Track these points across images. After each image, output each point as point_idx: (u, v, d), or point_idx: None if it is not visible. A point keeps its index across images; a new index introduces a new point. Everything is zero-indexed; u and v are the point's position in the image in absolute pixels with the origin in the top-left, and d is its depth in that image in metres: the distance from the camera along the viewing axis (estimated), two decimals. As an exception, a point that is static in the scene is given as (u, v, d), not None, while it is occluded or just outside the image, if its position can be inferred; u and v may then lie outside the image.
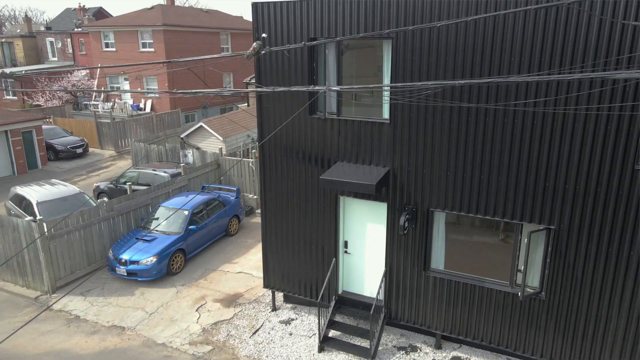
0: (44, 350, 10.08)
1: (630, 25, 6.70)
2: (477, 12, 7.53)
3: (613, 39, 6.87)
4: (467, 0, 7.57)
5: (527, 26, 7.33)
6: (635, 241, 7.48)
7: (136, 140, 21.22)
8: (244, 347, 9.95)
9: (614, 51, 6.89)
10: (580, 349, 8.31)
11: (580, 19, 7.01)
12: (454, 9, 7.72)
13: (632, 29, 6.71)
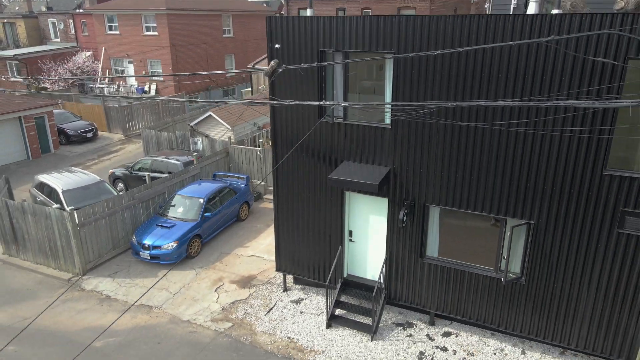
0: (82, 326, 11.42)
1: (593, 60, 7.79)
2: (469, 40, 8.58)
3: (583, 72, 7.96)
4: (461, 28, 8.61)
5: (511, 57, 8.39)
6: (602, 235, 8.72)
7: (146, 127, 22.22)
8: (260, 324, 11.29)
9: (585, 82, 7.99)
10: (554, 326, 9.66)
11: (557, 55, 8.08)
12: (450, 30, 8.77)
13: (594, 62, 7.80)
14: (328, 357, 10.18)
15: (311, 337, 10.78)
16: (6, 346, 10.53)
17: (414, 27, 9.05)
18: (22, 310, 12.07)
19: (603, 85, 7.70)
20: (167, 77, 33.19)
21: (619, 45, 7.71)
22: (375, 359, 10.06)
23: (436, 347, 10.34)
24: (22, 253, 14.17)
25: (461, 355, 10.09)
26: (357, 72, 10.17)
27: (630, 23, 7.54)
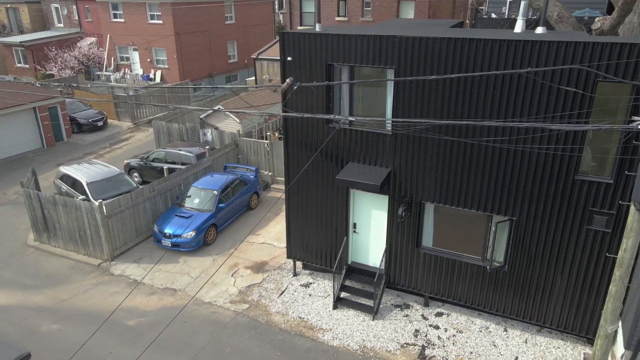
0: (115, 307, 12.89)
1: (565, 90, 9.08)
2: (460, 61, 9.84)
3: (558, 96, 9.26)
4: (454, 49, 9.86)
5: (496, 83, 9.66)
6: (573, 230, 10.15)
7: (157, 119, 23.41)
8: (274, 305, 12.79)
9: (560, 104, 9.30)
10: (532, 307, 11.17)
11: (535, 83, 9.36)
12: (444, 50, 10.02)
13: (566, 92, 9.10)
14: (335, 334, 11.70)
15: (320, 317, 12.29)
16: (51, 325, 12.03)
17: (412, 46, 10.29)
18: (60, 293, 13.53)
19: (573, 112, 9.01)
20: (171, 63, 34.18)
21: (589, 70, 8.99)
22: (377, 336, 11.59)
23: (430, 326, 11.87)
24: (53, 240, 15.57)
25: (451, 333, 11.62)
26: (362, 90, 11.42)
27: (599, 52, 8.81)
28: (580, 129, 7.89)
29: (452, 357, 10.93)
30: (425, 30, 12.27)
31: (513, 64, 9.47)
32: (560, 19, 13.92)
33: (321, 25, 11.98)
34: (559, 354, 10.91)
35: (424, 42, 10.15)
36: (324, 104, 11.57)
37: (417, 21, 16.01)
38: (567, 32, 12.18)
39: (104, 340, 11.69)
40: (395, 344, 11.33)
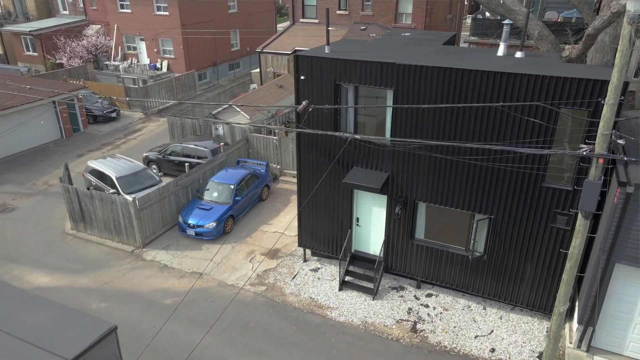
0: (152, 288, 15.18)
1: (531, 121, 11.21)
2: (449, 86, 11.92)
3: (526, 126, 11.39)
4: (443, 77, 11.94)
5: (477, 118, 11.75)
6: (540, 227, 12.42)
7: (167, 108, 25.36)
8: (288, 287, 15.10)
9: (529, 129, 11.44)
10: (507, 289, 13.51)
11: (505, 114, 11.48)
12: (435, 77, 12.09)
13: (536, 113, 11.23)
14: (341, 312, 14.04)
15: (327, 297, 14.62)
16: (99, 304, 14.31)
17: (408, 71, 12.35)
18: (102, 276, 15.78)
19: (539, 138, 11.17)
20: (177, 54, 35.87)
21: (553, 97, 11.12)
22: (376, 313, 13.94)
23: (421, 305, 14.23)
24: (89, 229, 17.76)
25: (439, 311, 14.00)
26: (365, 100, 13.51)
27: (561, 85, 10.93)
28: (540, 153, 10.08)
29: (438, 330, 13.32)
30: (420, 49, 14.31)
31: (492, 93, 11.58)
32: (541, 37, 15.92)
33: (330, 49, 13.98)
34: (527, 327, 13.31)
35: (418, 69, 12.21)
36: (333, 115, 13.67)
37: (414, 35, 17.93)
38: (542, 55, 14.21)
39: (146, 316, 14.00)
40: (391, 320, 13.70)
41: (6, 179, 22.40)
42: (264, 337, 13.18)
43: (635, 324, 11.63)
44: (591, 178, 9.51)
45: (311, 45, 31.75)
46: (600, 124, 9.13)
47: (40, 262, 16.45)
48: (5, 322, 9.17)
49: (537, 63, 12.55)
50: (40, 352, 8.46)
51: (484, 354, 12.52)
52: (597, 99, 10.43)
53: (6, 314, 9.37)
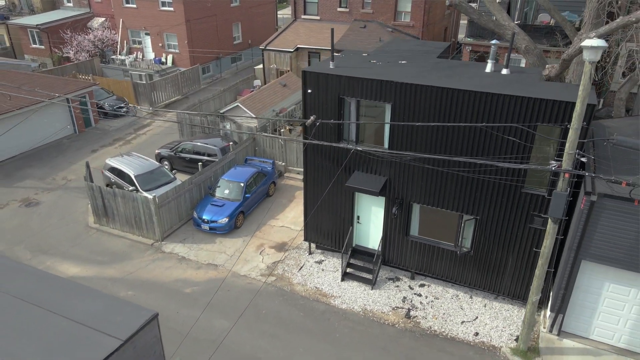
0: (173, 278, 17.03)
1: (507, 139, 12.97)
2: (441, 104, 13.65)
3: (505, 143, 13.15)
4: (436, 95, 13.66)
5: (464, 133, 13.50)
6: (520, 227, 14.28)
7: (180, 110, 26.99)
8: (295, 278, 16.98)
9: (510, 145, 13.21)
10: (490, 280, 15.42)
11: (487, 133, 13.22)
12: (428, 95, 13.82)
13: (516, 131, 13.00)
14: (343, 300, 15.95)
15: (331, 287, 16.52)
16: (127, 292, 16.18)
17: (403, 88, 14.06)
18: (126, 267, 17.62)
19: (518, 154, 12.98)
20: (182, 48, 37.31)
21: (532, 115, 12.87)
22: (374, 301, 15.86)
23: (414, 294, 16.15)
24: (111, 223, 19.55)
25: (430, 299, 15.92)
26: (366, 109, 15.25)
27: (538, 105, 12.68)
28: (517, 167, 11.88)
29: (429, 317, 15.25)
30: (416, 64, 15.99)
31: (477, 110, 13.32)
32: (527, 51, 17.61)
33: (335, 64, 15.65)
34: (508, 314, 15.26)
35: (412, 87, 13.92)
36: (337, 126, 15.40)
37: (411, 46, 19.54)
38: (526, 71, 15.89)
39: (169, 304, 15.87)
40: (388, 307, 15.62)
41: (27, 174, 24.09)
42: (276, 322, 15.09)
43: (600, 312, 13.57)
44: (559, 189, 11.34)
45: (313, 43, 33.33)
46: (567, 144, 10.94)
47: (69, 254, 18.27)
48: (63, 308, 10.96)
49: (519, 81, 14.27)
50: (98, 334, 10.28)
51: (468, 338, 14.47)
52: (566, 122, 12.19)
53: (62, 302, 11.16)
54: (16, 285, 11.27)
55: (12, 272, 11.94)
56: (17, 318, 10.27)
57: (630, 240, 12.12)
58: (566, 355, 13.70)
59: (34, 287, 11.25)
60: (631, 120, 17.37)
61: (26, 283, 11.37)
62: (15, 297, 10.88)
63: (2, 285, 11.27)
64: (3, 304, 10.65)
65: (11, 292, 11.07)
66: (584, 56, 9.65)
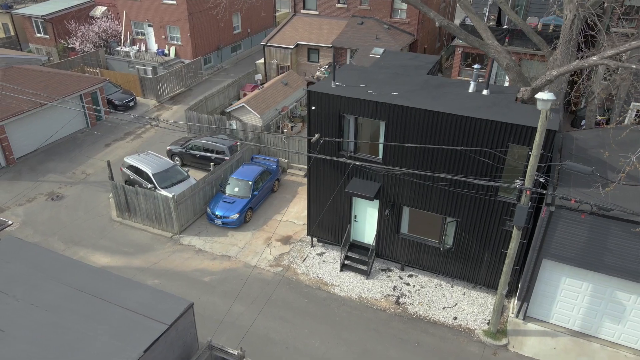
0: (191, 268, 19.80)
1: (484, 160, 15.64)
2: (430, 123, 16.28)
3: (481, 162, 15.83)
4: (424, 117, 16.27)
5: (448, 155, 16.15)
6: (494, 229, 17.11)
7: (188, 108, 29.38)
8: (300, 268, 19.80)
9: (483, 167, 15.89)
10: (469, 272, 18.33)
11: (467, 155, 15.88)
12: (417, 116, 16.43)
13: (484, 162, 15.68)
14: (342, 288, 18.82)
15: (331, 276, 19.37)
16: (153, 280, 18.97)
17: (395, 109, 16.66)
18: (150, 258, 20.37)
19: (491, 173, 15.70)
20: (184, 41, 39.37)
21: (504, 136, 15.54)
22: (369, 289, 18.74)
23: (403, 283, 19.05)
24: (132, 217, 22.21)
25: (417, 288, 18.83)
26: (363, 126, 17.85)
27: (509, 129, 15.33)
28: (488, 184, 14.63)
29: (416, 303, 18.18)
30: (408, 81, 18.50)
31: (458, 130, 15.98)
32: (508, 68, 20.17)
33: (336, 83, 18.15)
34: (483, 301, 18.22)
35: (403, 108, 16.52)
36: (337, 135, 18.03)
37: (403, 59, 22.01)
38: (504, 91, 18.44)
39: (191, 291, 18.68)
40: (380, 295, 18.53)
41: (49, 168, 26.59)
42: (284, 307, 17.96)
43: (558, 301, 16.54)
44: (522, 203, 14.14)
45: (312, 39, 35.56)
46: (528, 167, 13.69)
47: (98, 245, 20.97)
48: (117, 298, 13.70)
49: (496, 103, 16.88)
50: (146, 319, 13.05)
51: (448, 321, 17.44)
52: (529, 145, 14.90)
53: (115, 293, 13.89)
54: (75, 279, 14.11)
55: (70, 267, 14.81)
56: (83, 306, 13.10)
57: (581, 244, 14.99)
58: (529, 337, 16.73)
59: (90, 281, 14.12)
60: (599, 132, 20.07)
61: (82, 277, 14.20)
62: (77, 289, 13.72)
63: (65, 279, 14.11)
64: (70, 295, 13.50)
65: (73, 285, 13.92)
66: (538, 105, 12.32)
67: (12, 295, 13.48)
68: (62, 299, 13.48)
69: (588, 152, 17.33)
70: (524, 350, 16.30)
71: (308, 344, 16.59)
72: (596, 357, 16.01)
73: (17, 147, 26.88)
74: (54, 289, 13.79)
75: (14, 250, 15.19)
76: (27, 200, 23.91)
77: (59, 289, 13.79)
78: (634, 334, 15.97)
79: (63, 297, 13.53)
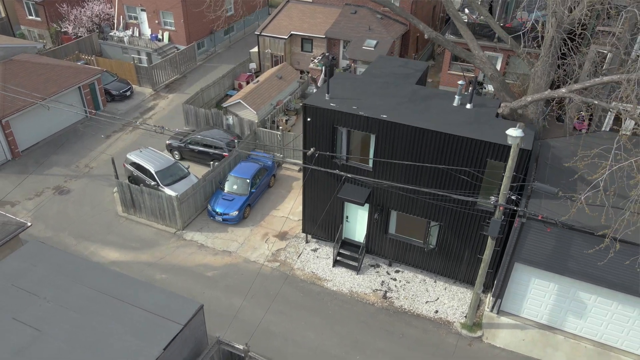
0: (195, 263, 21.92)
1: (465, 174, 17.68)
2: (417, 138, 18.24)
3: (464, 179, 17.87)
4: (412, 133, 18.21)
5: (432, 168, 18.15)
6: (473, 232, 19.32)
7: (185, 102, 30.94)
8: (295, 263, 22.00)
9: (464, 183, 17.95)
10: (451, 269, 20.63)
11: (452, 173, 17.88)
12: (404, 132, 18.37)
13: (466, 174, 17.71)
14: (334, 283, 21.08)
15: (324, 272, 21.60)
16: (161, 275, 21.09)
17: (384, 124, 18.58)
18: (156, 253, 22.42)
19: (470, 189, 17.80)
20: (178, 26, 40.47)
21: (483, 152, 17.59)
22: (359, 284, 21.02)
23: (390, 278, 21.35)
24: (137, 213, 24.14)
25: (403, 283, 21.14)
26: (354, 136, 19.78)
27: (487, 146, 17.36)
28: (465, 199, 16.75)
29: (402, 297, 20.52)
30: (397, 91, 20.32)
31: (440, 144, 17.97)
32: (492, 78, 22.05)
33: (330, 96, 19.95)
34: (462, 296, 20.59)
35: (391, 124, 18.44)
36: (330, 146, 19.97)
37: (394, 65, 23.76)
38: (487, 104, 20.34)
39: (196, 286, 20.83)
40: (369, 290, 20.83)
41: (53, 162, 28.27)
42: (282, 301, 20.21)
43: (528, 298, 18.92)
44: (495, 217, 16.32)
45: (306, 29, 36.92)
46: (502, 186, 15.82)
47: (107, 240, 22.96)
48: (133, 299, 15.80)
49: (477, 119, 18.82)
50: (163, 319, 15.20)
51: (430, 314, 19.82)
52: (506, 162, 16.97)
53: (133, 294, 15.97)
54: (96, 281, 16.16)
55: (91, 270, 16.83)
56: (106, 308, 15.22)
57: (548, 251, 17.26)
58: (501, 329, 19.19)
59: (109, 283, 16.17)
60: (574, 140, 22.12)
61: (103, 279, 16.26)
62: (99, 292, 15.81)
63: (87, 282, 16.17)
64: (93, 296, 15.59)
65: (95, 287, 16.00)
66: (508, 139, 14.35)
67: (43, 297, 15.59)
68: (87, 300, 15.59)
69: (562, 161, 19.44)
70: (496, 341, 18.77)
71: (304, 336, 18.91)
72: (560, 348, 18.54)
73: (21, 140, 28.44)
74: (79, 291, 15.89)
75: (39, 254, 17.21)
76: (36, 194, 25.69)
77: (84, 291, 15.90)
78: (594, 328, 18.46)
79: (87, 298, 15.64)
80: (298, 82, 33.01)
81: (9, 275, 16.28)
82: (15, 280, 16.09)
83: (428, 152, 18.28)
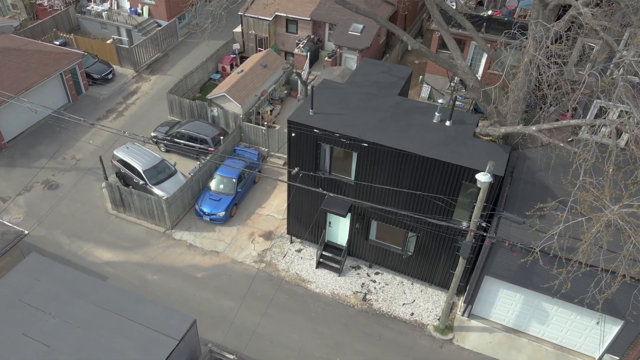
0: (185, 263, 23.87)
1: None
2: (399, 158, 20.04)
3: (440, 204, 19.79)
4: (393, 156, 19.99)
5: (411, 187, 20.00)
6: (448, 244, 21.49)
7: (170, 92, 32.00)
8: (280, 264, 24.09)
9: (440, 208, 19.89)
10: (427, 274, 22.92)
11: (424, 185, 19.77)
12: (385, 153, 20.14)
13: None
14: (317, 285, 23.28)
15: (308, 273, 23.76)
16: (152, 276, 23.07)
17: (366, 147, 20.31)
18: (148, 253, 24.26)
19: (441, 215, 19.80)
20: (158, 0, 40.75)
21: (458, 175, 19.49)
22: (340, 286, 23.25)
23: (370, 280, 23.61)
24: (127, 212, 25.81)
25: (382, 285, 23.42)
26: (337, 155, 21.50)
27: (461, 170, 19.26)
28: (439, 223, 18.80)
29: (380, 299, 22.85)
30: (378, 105, 21.89)
31: (419, 166, 19.83)
32: (473, 89, 23.67)
33: (314, 111, 21.46)
34: (437, 299, 22.99)
35: (371, 145, 20.16)
36: (314, 162, 21.69)
37: (378, 70, 25.16)
38: (466, 121, 22.02)
39: (187, 287, 22.85)
40: (350, 292, 23.11)
41: (40, 153, 29.46)
42: (268, 303, 22.37)
43: (497, 304, 21.34)
44: (467, 240, 18.46)
45: (290, 10, 37.62)
46: (473, 214, 17.86)
47: (99, 240, 24.69)
48: (133, 314, 17.79)
49: (455, 138, 20.58)
50: (158, 334, 17.27)
51: (406, 317, 22.25)
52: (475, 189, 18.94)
53: (132, 309, 17.94)
54: (97, 296, 18.08)
55: (92, 285, 18.73)
56: (108, 322, 17.24)
57: (515, 267, 19.54)
58: (471, 332, 21.74)
59: (110, 298, 18.14)
60: (548, 151, 24.11)
61: (103, 294, 18.18)
62: (101, 307, 17.81)
63: (89, 297, 18.11)
64: (95, 311, 17.59)
65: (97, 302, 17.98)
66: (477, 183, 16.27)
67: (48, 312, 17.53)
68: (90, 315, 17.59)
69: (536, 175, 21.49)
70: (466, 343, 21.33)
71: (289, 337, 21.23)
72: (523, 350, 21.18)
73: (6, 131, 29.46)
74: (81, 306, 17.86)
75: (40, 268, 19.02)
76: (26, 189, 27.08)
77: (86, 306, 17.87)
78: (555, 333, 21.05)
79: (91, 313, 17.64)
80: (283, 69, 34.11)
81: (16, 290, 18.13)
82: (21, 296, 17.95)
83: (407, 170, 20.10)
